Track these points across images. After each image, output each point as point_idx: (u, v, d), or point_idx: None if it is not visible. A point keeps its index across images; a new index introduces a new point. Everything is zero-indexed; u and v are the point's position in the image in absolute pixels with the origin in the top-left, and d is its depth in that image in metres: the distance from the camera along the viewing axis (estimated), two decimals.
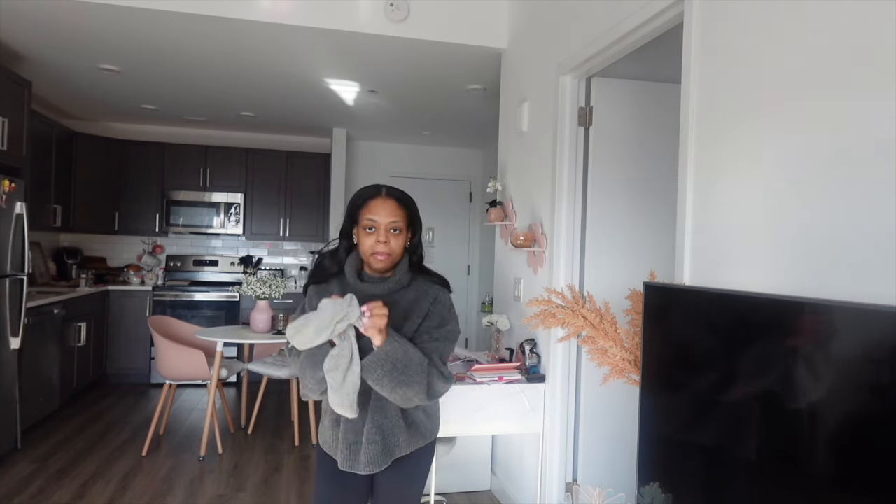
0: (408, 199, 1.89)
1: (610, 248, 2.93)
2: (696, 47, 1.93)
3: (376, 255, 1.80)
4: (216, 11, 3.31)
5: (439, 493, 3.42)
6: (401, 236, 1.83)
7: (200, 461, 3.94)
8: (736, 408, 1.41)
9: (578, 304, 2.10)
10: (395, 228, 1.81)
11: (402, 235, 1.83)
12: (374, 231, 1.80)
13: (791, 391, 1.26)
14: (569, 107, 2.88)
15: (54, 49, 4.03)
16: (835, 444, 1.17)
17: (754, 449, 1.35)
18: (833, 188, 1.42)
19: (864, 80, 1.35)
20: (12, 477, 3.58)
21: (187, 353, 4.07)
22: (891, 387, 1.05)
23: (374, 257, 1.81)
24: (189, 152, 6.35)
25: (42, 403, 4.46)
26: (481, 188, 6.99)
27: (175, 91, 5.05)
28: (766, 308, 1.35)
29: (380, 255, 1.80)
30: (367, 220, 1.81)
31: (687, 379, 1.61)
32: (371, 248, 1.80)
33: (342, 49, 3.84)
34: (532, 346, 3.01)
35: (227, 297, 6.13)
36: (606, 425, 2.90)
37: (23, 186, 3.99)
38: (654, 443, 1.71)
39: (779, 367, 1.29)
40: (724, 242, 1.79)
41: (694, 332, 1.60)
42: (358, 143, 6.96)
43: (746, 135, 1.71)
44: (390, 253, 1.81)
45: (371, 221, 1.80)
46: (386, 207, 1.82)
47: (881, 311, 1.10)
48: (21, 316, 3.91)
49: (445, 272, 2.04)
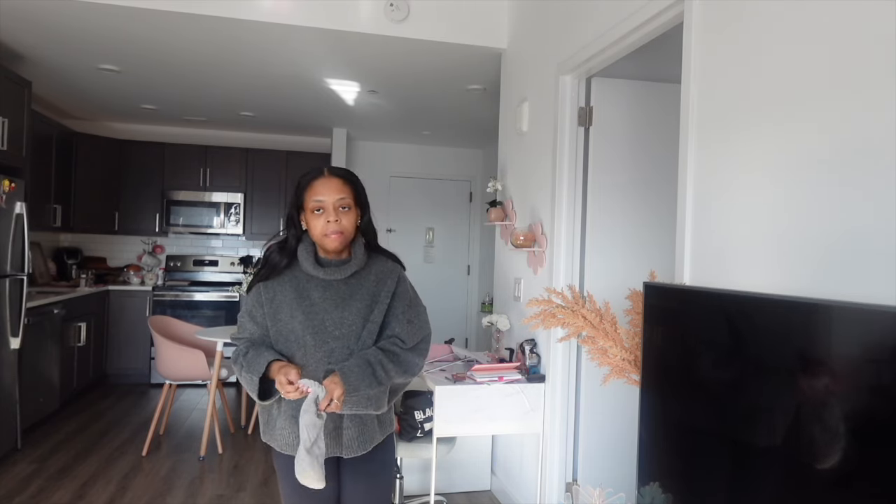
0: (352, 177, 1.86)
1: (610, 248, 2.93)
2: (696, 47, 1.93)
3: (329, 236, 1.77)
4: (216, 11, 3.31)
5: (439, 493, 3.42)
6: (350, 213, 1.80)
7: (200, 461, 3.94)
8: (736, 407, 1.41)
9: (578, 304, 2.10)
10: (343, 206, 1.78)
11: (351, 213, 1.80)
12: (322, 212, 1.77)
13: (791, 391, 1.25)
14: (569, 107, 2.88)
15: (54, 49, 4.03)
16: (836, 443, 1.17)
17: (754, 449, 1.35)
18: (833, 188, 1.42)
19: (864, 81, 1.35)
20: (12, 477, 3.58)
21: (187, 353, 4.07)
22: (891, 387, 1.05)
23: (328, 238, 1.77)
24: (189, 152, 6.35)
25: (42, 403, 4.46)
26: (481, 188, 6.99)
27: (175, 91, 5.04)
28: (766, 308, 1.35)
29: (332, 234, 1.77)
30: (314, 202, 1.78)
31: (687, 379, 1.61)
32: (322, 230, 1.77)
33: (342, 49, 3.84)
34: (532, 346, 3.01)
35: (227, 297, 6.13)
36: (606, 425, 2.90)
37: (23, 186, 3.98)
38: (654, 443, 1.71)
39: (779, 366, 1.29)
40: (725, 242, 1.79)
41: (694, 332, 1.60)
42: (358, 143, 6.96)
43: (746, 135, 1.71)
44: (342, 231, 1.78)
45: (318, 203, 1.77)
46: (331, 186, 1.79)
47: (881, 311, 1.10)
48: (21, 316, 3.91)
49: (445, 272, 2.07)
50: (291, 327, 1.80)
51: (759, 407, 1.34)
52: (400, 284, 1.88)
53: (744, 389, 1.39)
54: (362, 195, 1.87)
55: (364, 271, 1.85)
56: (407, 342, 1.83)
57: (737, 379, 1.41)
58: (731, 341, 1.44)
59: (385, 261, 1.90)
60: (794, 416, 1.25)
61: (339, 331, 1.78)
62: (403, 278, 1.91)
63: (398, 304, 1.85)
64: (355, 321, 1.80)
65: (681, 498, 1.56)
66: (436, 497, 3.01)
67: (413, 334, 1.86)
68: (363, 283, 1.83)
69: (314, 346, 1.78)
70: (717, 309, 1.51)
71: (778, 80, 1.60)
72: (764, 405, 1.33)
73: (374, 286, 1.84)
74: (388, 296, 1.84)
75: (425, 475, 3.14)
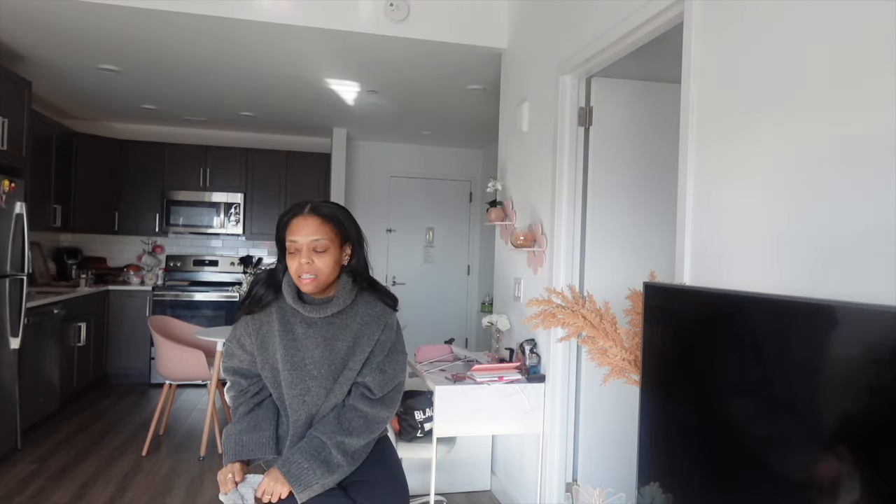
0: (334, 215, 1.76)
1: (610, 248, 2.93)
2: (696, 47, 1.93)
3: (301, 278, 1.70)
4: (216, 11, 3.31)
5: (439, 493, 3.42)
6: (327, 255, 1.71)
7: (200, 461, 3.94)
8: (736, 407, 1.41)
9: (578, 304, 2.10)
10: (318, 248, 1.69)
11: (328, 254, 1.71)
12: (297, 253, 1.69)
13: (791, 391, 1.25)
14: (569, 107, 2.88)
15: (54, 49, 4.03)
16: (837, 443, 1.17)
17: (755, 448, 1.35)
18: (833, 188, 1.42)
19: (864, 81, 1.35)
20: (12, 477, 3.58)
21: (187, 353, 4.07)
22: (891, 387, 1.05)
23: (300, 280, 1.70)
24: (189, 152, 6.35)
25: (42, 403, 4.46)
26: (481, 188, 6.99)
27: (175, 91, 5.04)
28: (766, 308, 1.35)
29: (304, 277, 1.69)
30: (289, 242, 1.71)
31: (687, 379, 1.61)
32: (296, 271, 1.70)
33: (342, 49, 3.84)
34: (532, 346, 3.01)
35: (227, 297, 6.13)
36: (606, 425, 2.90)
37: (23, 186, 3.98)
38: (654, 443, 1.71)
39: (779, 366, 1.29)
40: (725, 242, 1.79)
41: (694, 332, 1.60)
42: (358, 143, 6.96)
43: (747, 135, 1.71)
44: (316, 274, 1.70)
45: (292, 243, 1.70)
46: (307, 226, 1.70)
47: (881, 312, 1.10)
48: (21, 316, 3.91)
49: (445, 272, 2.04)
50: (273, 361, 1.77)
51: (760, 407, 1.34)
52: (385, 332, 1.79)
53: (744, 389, 1.39)
54: (350, 231, 1.78)
55: (350, 310, 1.77)
56: (375, 393, 1.76)
57: (737, 379, 1.41)
58: (731, 341, 1.44)
59: (375, 302, 1.81)
60: (795, 416, 1.25)
61: (317, 370, 1.73)
62: (390, 325, 1.81)
63: (378, 352, 1.77)
64: (334, 363, 1.74)
65: (681, 498, 1.56)
66: (436, 497, 3.01)
67: (384, 384, 1.77)
68: (349, 325, 1.75)
69: (291, 383, 1.74)
70: (718, 309, 1.51)
71: (778, 79, 1.60)
72: (764, 405, 1.33)
73: (358, 329, 1.76)
74: (371, 344, 1.76)
75: (425, 475, 3.14)
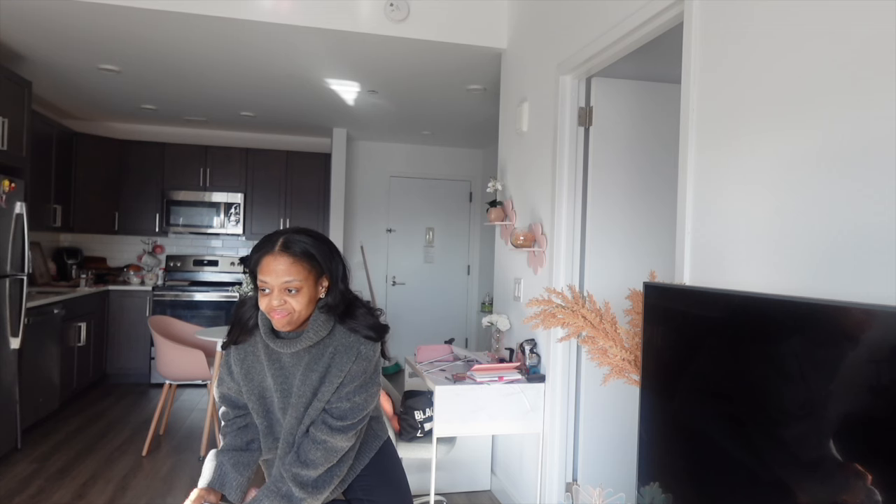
0: (306, 252, 1.65)
1: (610, 248, 2.93)
2: (696, 48, 1.93)
3: (273, 317, 1.65)
4: (217, 11, 3.31)
5: (439, 493, 3.42)
6: (300, 295, 1.64)
7: (200, 461, 3.94)
8: (737, 407, 1.41)
9: (578, 304, 2.10)
10: (290, 289, 1.63)
11: (301, 294, 1.64)
12: (269, 293, 1.64)
13: (791, 391, 1.25)
14: (569, 107, 2.88)
15: (54, 49, 4.03)
16: (838, 443, 1.17)
17: (755, 449, 1.35)
18: (833, 188, 1.42)
19: (864, 81, 1.35)
20: (12, 477, 3.58)
21: (187, 353, 4.07)
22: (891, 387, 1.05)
23: (272, 317, 1.66)
24: (189, 152, 6.35)
25: (42, 403, 4.46)
26: (481, 188, 7.00)
27: (175, 91, 5.04)
28: (766, 308, 1.35)
29: (276, 315, 1.65)
30: (260, 282, 1.65)
31: (687, 379, 1.61)
32: (267, 308, 1.65)
33: (342, 49, 3.84)
34: (532, 346, 3.01)
35: (227, 297, 6.13)
36: (606, 425, 2.90)
37: (23, 186, 3.99)
38: (654, 443, 1.71)
39: (779, 367, 1.29)
40: (725, 242, 1.79)
41: (694, 332, 1.60)
42: (358, 143, 6.96)
43: (747, 135, 1.71)
44: (289, 312, 1.64)
45: (263, 282, 1.64)
46: (278, 267, 1.62)
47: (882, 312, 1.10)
48: (21, 316, 3.91)
49: (445, 272, 2.03)
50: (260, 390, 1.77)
51: (760, 407, 1.34)
52: (357, 362, 1.71)
53: (744, 389, 1.39)
54: (326, 265, 1.69)
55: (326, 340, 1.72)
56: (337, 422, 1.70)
57: (737, 379, 1.41)
58: (731, 341, 1.44)
59: (348, 334, 1.72)
60: (795, 416, 1.25)
61: (295, 398, 1.72)
62: (364, 355, 1.72)
63: (348, 382, 1.71)
64: (305, 393, 1.70)
65: (681, 498, 1.56)
66: (436, 497, 3.01)
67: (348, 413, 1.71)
68: (322, 354, 1.71)
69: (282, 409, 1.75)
70: (718, 309, 1.51)
71: (778, 79, 1.60)
72: (764, 405, 1.33)
73: (329, 359, 1.70)
74: (341, 375, 1.69)
75: (425, 475, 3.14)
